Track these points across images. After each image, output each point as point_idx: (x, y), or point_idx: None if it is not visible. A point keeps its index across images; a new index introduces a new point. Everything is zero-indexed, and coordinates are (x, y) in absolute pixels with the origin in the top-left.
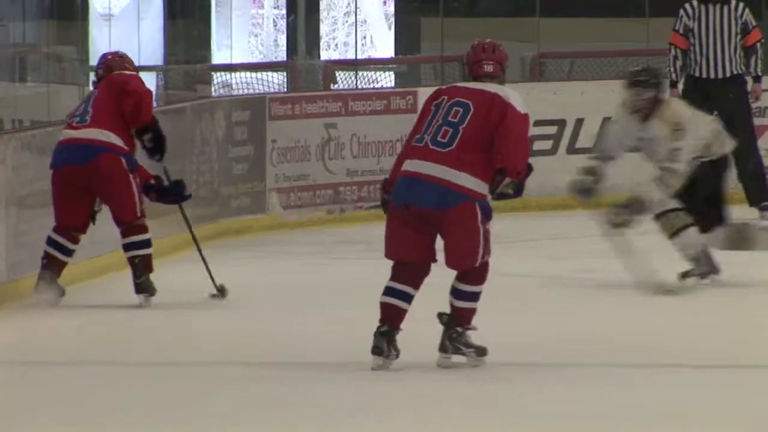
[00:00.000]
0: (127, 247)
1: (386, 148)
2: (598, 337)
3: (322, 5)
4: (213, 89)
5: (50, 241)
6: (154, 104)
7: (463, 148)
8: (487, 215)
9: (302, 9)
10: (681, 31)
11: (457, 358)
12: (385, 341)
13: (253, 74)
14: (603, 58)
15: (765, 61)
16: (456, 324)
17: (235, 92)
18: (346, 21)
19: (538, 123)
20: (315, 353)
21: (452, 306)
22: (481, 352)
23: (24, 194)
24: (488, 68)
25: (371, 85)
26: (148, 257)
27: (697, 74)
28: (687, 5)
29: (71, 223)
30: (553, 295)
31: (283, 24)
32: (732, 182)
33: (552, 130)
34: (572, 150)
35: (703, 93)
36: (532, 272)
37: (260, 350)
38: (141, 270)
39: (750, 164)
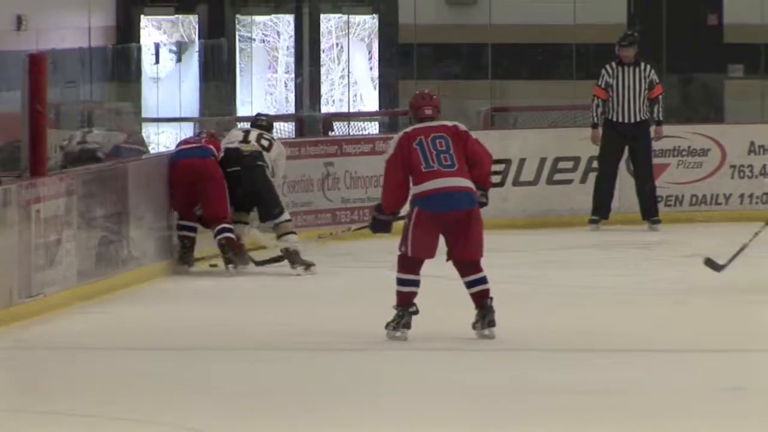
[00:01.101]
0: (217, 234)
1: (372, 182)
2: (538, 329)
3: (323, 70)
4: None
5: (179, 227)
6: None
7: (461, 165)
8: None
9: (307, 73)
10: (603, 85)
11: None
12: (411, 319)
13: None
14: (541, 111)
15: (664, 110)
16: (491, 302)
17: None
18: (341, 82)
19: None
20: (312, 341)
21: (482, 291)
22: None
23: (90, 217)
24: (428, 111)
25: (360, 132)
26: (231, 239)
27: (614, 119)
28: (608, 66)
29: (183, 210)
30: (502, 297)
31: (292, 85)
32: (629, 203)
33: (500, 167)
34: (516, 183)
35: (618, 133)
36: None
37: (262, 339)
38: (227, 249)
39: (648, 186)
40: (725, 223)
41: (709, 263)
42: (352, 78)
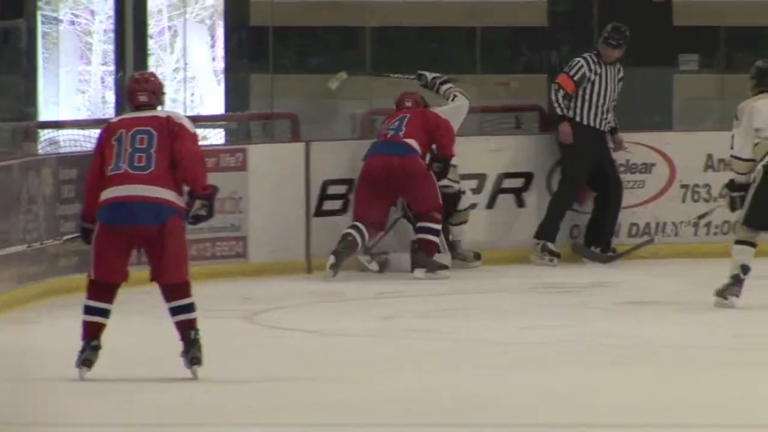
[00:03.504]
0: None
1: (218, 204)
2: (425, 397)
3: (151, 61)
4: (39, 147)
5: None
6: None
7: (160, 168)
8: (185, 227)
9: (130, 65)
10: (576, 77)
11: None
12: (94, 355)
13: (81, 131)
14: None
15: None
16: (197, 335)
17: (63, 150)
18: (175, 77)
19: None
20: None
21: (184, 322)
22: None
23: None
24: (143, 98)
25: (201, 143)
26: (428, 242)
27: (592, 125)
28: (588, 57)
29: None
30: (385, 355)
31: (111, 81)
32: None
33: None
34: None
35: (595, 140)
36: (364, 332)
37: (105, 411)
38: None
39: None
40: (676, 260)
41: (580, 250)
42: (190, 71)
